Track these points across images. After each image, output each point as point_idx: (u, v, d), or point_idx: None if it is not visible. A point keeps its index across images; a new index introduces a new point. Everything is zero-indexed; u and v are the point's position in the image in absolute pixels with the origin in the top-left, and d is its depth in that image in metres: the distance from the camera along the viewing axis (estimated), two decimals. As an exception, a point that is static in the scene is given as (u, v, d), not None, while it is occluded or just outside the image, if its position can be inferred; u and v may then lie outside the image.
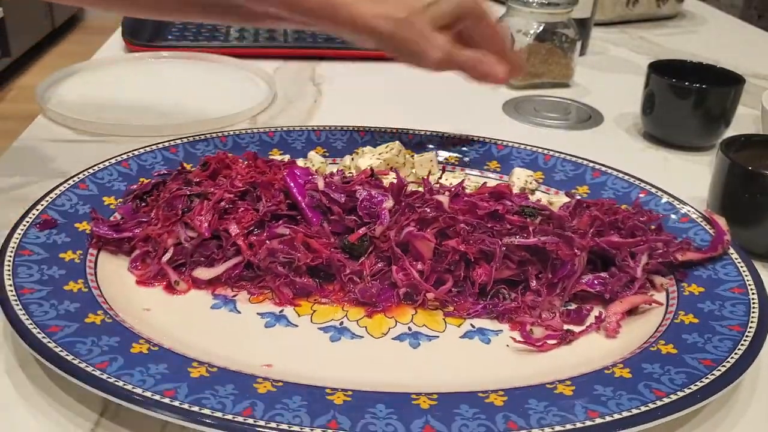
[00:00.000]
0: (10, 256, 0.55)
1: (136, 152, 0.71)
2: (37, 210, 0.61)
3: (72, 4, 0.72)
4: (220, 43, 1.10)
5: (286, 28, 1.04)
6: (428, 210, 0.60)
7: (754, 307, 0.54)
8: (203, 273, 0.58)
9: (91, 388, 0.45)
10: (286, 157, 0.72)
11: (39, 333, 0.48)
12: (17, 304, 0.50)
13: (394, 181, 0.63)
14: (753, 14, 2.36)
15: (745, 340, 0.51)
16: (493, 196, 0.63)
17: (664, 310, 0.57)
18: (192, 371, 0.47)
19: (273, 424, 0.43)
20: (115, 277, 0.58)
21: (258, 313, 0.56)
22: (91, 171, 0.67)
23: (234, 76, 1.00)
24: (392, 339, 0.54)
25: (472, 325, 0.56)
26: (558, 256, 0.58)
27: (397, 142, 0.73)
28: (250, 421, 0.43)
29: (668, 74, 0.85)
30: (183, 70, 1.02)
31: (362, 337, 0.54)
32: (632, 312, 0.57)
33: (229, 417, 0.43)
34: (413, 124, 0.80)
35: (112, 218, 0.62)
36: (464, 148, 0.78)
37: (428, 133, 0.79)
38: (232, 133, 0.77)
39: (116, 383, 0.44)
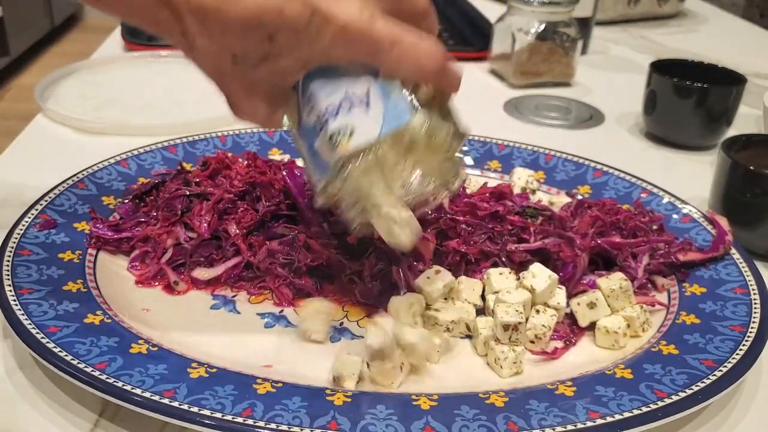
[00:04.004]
0: (9, 256, 0.55)
1: (135, 152, 0.71)
2: (36, 210, 0.60)
3: None
4: (220, 42, 1.10)
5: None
6: (429, 211, 0.60)
7: (755, 308, 0.54)
8: (202, 273, 0.58)
9: (90, 388, 0.44)
10: (286, 157, 0.72)
11: (38, 333, 0.48)
12: (16, 305, 0.50)
13: (395, 180, 0.63)
14: (755, 13, 2.35)
15: (746, 341, 0.51)
16: (494, 196, 0.63)
17: (665, 310, 0.57)
18: (191, 372, 0.47)
19: (273, 425, 0.43)
20: (114, 277, 0.57)
21: (258, 314, 0.56)
22: (90, 171, 0.67)
23: (234, 76, 1.00)
24: (392, 339, 0.54)
25: (472, 325, 0.56)
26: (560, 257, 0.58)
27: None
28: (250, 422, 0.43)
29: (670, 73, 0.85)
30: (182, 70, 1.01)
31: (362, 337, 0.54)
32: (633, 312, 0.57)
33: (229, 418, 0.43)
34: (414, 123, 0.80)
35: (111, 218, 0.62)
36: (464, 148, 0.77)
37: (429, 132, 0.79)
38: (231, 132, 0.77)
39: (115, 384, 0.44)
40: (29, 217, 0.59)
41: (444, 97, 0.49)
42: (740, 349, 0.50)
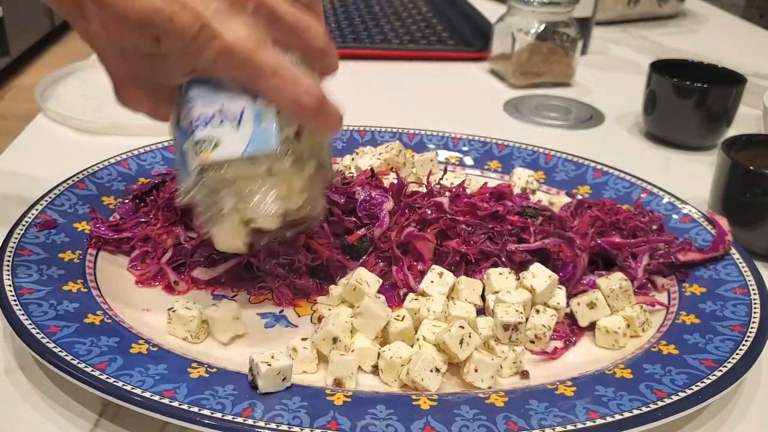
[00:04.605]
0: (9, 256, 0.55)
1: (135, 152, 0.71)
2: (37, 210, 0.60)
3: None
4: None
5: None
6: (429, 211, 0.60)
7: (755, 308, 0.54)
8: (203, 273, 0.58)
9: (91, 388, 0.44)
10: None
11: (38, 333, 0.48)
12: (16, 305, 0.50)
13: (395, 181, 0.63)
14: (754, 13, 2.35)
15: (746, 341, 0.51)
16: (493, 197, 0.63)
17: (665, 310, 0.57)
18: (191, 372, 0.47)
19: (273, 425, 0.43)
20: (114, 277, 0.57)
21: (258, 314, 0.56)
22: (90, 171, 0.67)
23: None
24: (392, 339, 0.54)
25: (472, 325, 0.56)
26: (559, 257, 0.58)
27: (398, 142, 0.72)
28: (250, 422, 0.43)
29: (670, 73, 0.85)
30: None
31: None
32: (633, 312, 0.57)
33: (229, 418, 0.43)
34: (413, 124, 0.80)
35: (111, 218, 0.62)
36: (465, 148, 0.77)
37: (428, 133, 0.79)
38: (232, 132, 0.76)
39: (115, 384, 0.44)
40: (29, 217, 0.59)
41: (320, 134, 0.51)
42: (740, 349, 0.50)
